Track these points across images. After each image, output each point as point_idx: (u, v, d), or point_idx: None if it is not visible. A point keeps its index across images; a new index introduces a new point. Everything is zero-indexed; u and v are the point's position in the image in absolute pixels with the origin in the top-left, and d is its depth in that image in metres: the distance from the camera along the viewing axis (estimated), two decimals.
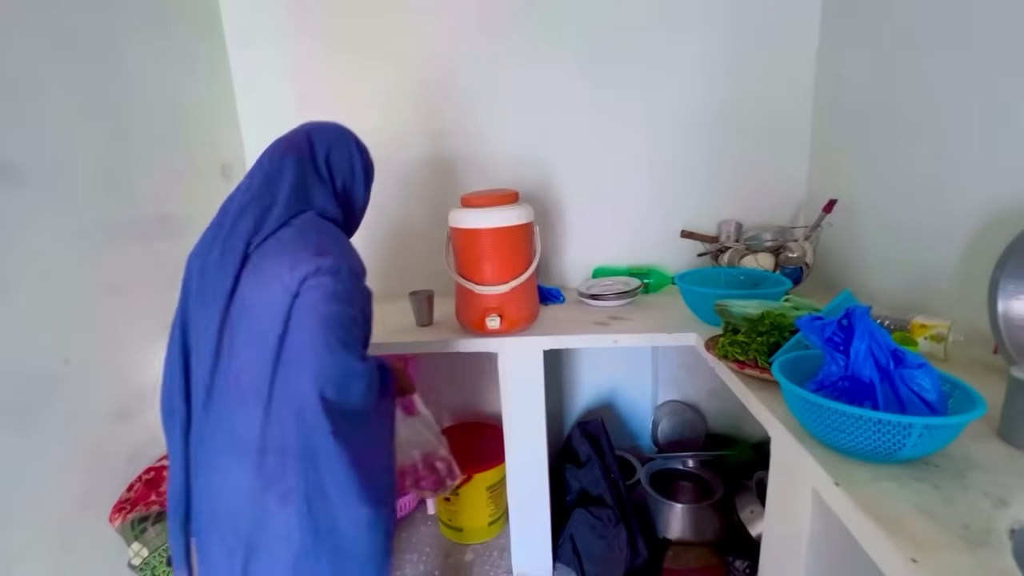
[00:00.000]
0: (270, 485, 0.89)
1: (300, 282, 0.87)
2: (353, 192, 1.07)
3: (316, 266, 0.88)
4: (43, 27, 1.17)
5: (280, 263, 0.89)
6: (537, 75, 1.78)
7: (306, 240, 0.92)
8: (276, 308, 0.87)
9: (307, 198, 0.98)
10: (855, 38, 1.54)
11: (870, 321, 0.77)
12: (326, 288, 0.88)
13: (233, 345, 0.90)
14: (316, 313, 0.87)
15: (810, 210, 1.78)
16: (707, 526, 1.61)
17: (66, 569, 1.15)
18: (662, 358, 1.97)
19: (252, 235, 0.92)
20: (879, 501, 0.67)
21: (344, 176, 1.04)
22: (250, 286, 0.91)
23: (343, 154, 1.04)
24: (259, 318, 0.89)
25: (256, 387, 0.88)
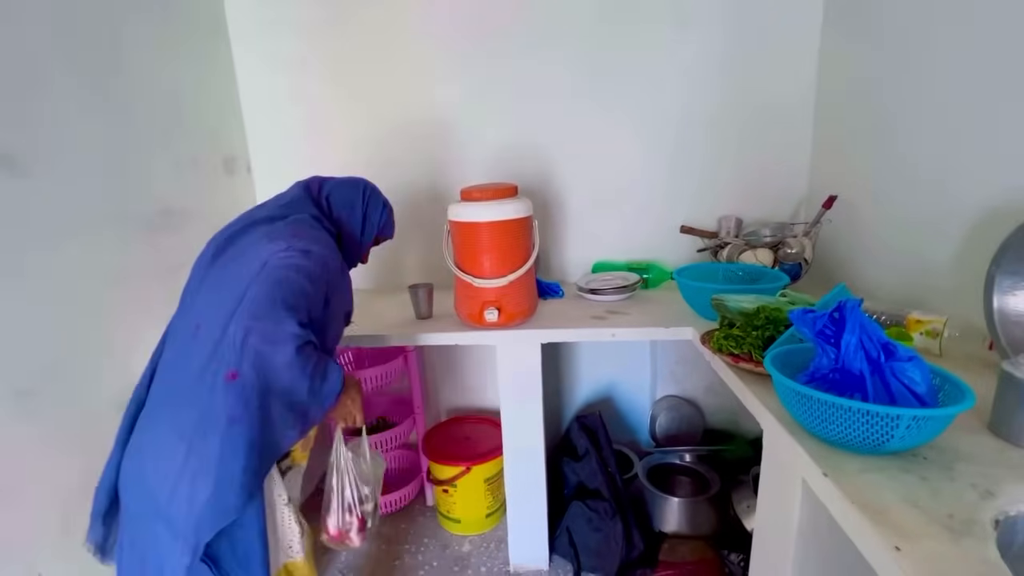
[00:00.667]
0: (184, 438, 0.90)
1: (271, 253, 0.97)
2: (349, 223, 1.22)
3: (288, 243, 0.99)
4: (46, 18, 1.18)
5: (261, 238, 1.02)
6: (538, 69, 1.78)
7: (291, 227, 1.07)
8: (246, 271, 0.96)
9: (301, 208, 1.14)
10: (857, 34, 1.53)
11: (861, 314, 0.77)
12: (292, 259, 0.96)
13: (201, 303, 1.00)
14: (275, 275, 0.94)
15: (810, 206, 1.78)
16: (703, 520, 1.62)
17: (68, 548, 1.17)
18: (661, 353, 1.97)
19: (238, 221, 1.08)
20: (866, 491, 0.68)
21: (340, 209, 1.21)
22: (231, 255, 1.03)
23: (345, 195, 1.23)
24: (229, 280, 0.97)
25: (211, 337, 0.93)
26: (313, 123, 1.89)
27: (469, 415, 2.06)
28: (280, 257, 0.96)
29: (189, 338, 0.96)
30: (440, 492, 1.81)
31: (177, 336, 1.01)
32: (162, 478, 0.89)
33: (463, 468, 1.72)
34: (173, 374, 0.97)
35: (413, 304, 1.59)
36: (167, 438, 0.91)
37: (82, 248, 1.25)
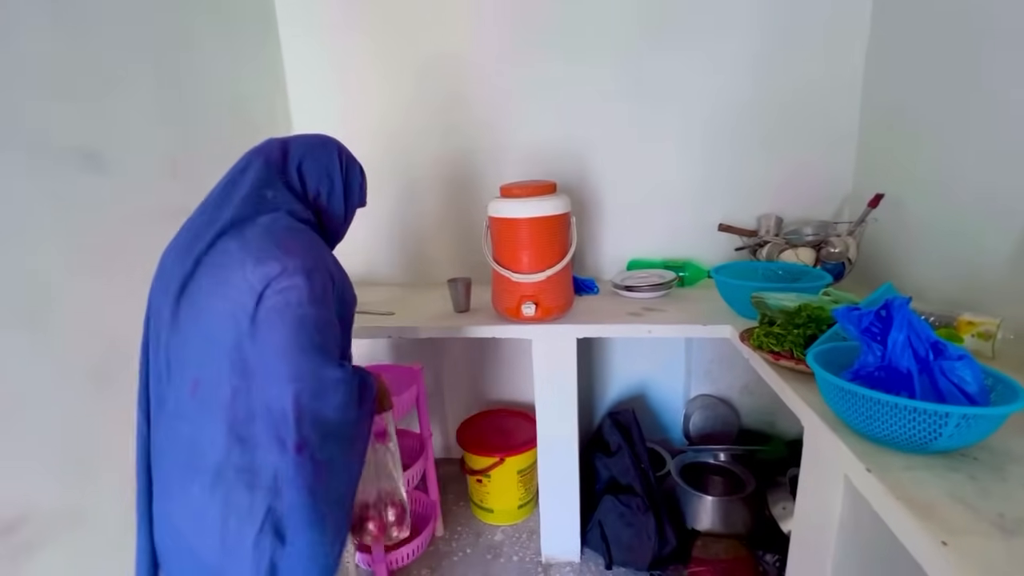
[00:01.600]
0: (231, 507, 0.81)
1: (266, 282, 0.80)
2: (330, 201, 1.00)
3: (283, 266, 0.81)
4: (125, 29, 1.28)
5: (244, 260, 0.82)
6: (576, 67, 1.80)
7: (273, 237, 0.85)
8: (238, 306, 0.80)
9: (271, 200, 0.90)
10: (909, 24, 1.49)
11: (909, 312, 0.77)
12: (299, 290, 0.81)
13: (186, 348, 0.84)
14: (288, 315, 0.80)
15: (855, 204, 1.74)
16: (737, 519, 1.61)
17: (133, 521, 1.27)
18: (696, 352, 1.96)
19: (202, 230, 0.86)
20: (911, 488, 0.68)
21: (318, 183, 0.98)
22: (207, 285, 0.83)
23: (319, 162, 0.98)
24: (216, 318, 0.81)
25: (218, 398, 0.81)
26: (356, 121, 1.95)
27: (503, 407, 2.09)
28: (281, 290, 0.80)
29: (187, 396, 0.83)
30: (474, 482, 1.86)
31: (168, 385, 0.86)
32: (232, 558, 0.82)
33: (497, 459, 1.76)
34: (188, 446, 0.84)
35: (452, 297, 1.64)
36: (212, 520, 0.82)
37: (150, 238, 1.34)
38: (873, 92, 1.66)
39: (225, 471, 0.81)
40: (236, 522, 0.81)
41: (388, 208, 2.02)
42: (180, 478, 0.85)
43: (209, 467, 0.82)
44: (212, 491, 0.82)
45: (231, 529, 0.81)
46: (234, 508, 0.81)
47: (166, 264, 0.90)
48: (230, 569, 0.82)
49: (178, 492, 0.85)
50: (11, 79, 1.03)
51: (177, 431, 0.85)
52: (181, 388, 0.84)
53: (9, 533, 1.00)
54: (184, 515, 0.85)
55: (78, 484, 1.14)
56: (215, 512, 0.81)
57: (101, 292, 1.20)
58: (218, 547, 0.82)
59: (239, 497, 0.81)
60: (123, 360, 1.24)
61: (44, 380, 1.08)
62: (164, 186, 1.39)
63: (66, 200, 1.13)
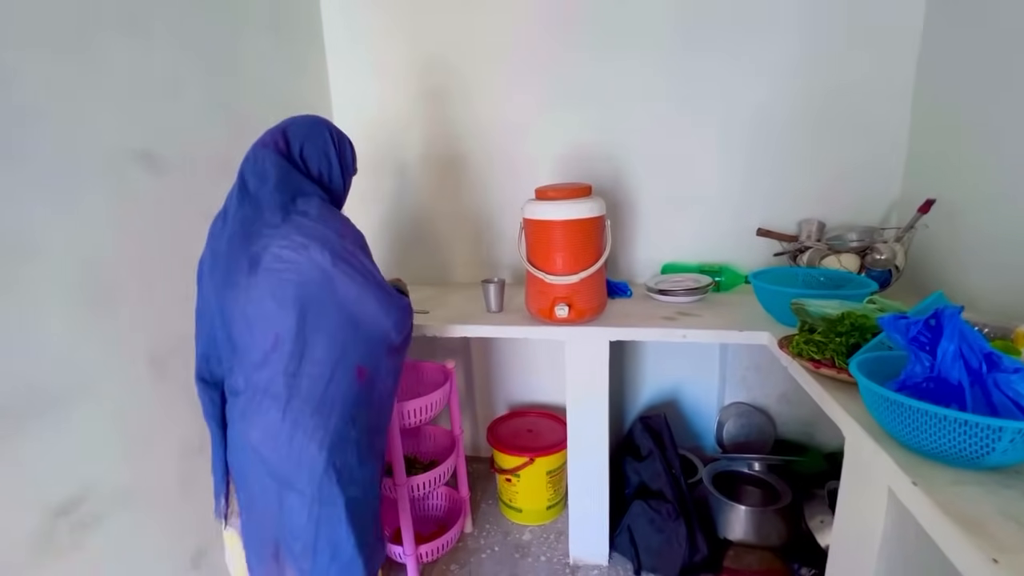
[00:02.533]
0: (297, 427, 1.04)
1: (329, 256, 1.02)
2: (330, 177, 1.16)
3: (340, 241, 1.05)
4: (181, 38, 1.35)
5: (306, 243, 1.02)
6: (613, 68, 1.80)
7: (315, 225, 1.04)
8: (307, 276, 1.02)
9: (293, 187, 1.07)
10: (964, 30, 1.43)
11: (961, 321, 0.74)
12: (353, 262, 1.05)
13: (257, 316, 1.04)
14: (358, 276, 1.05)
15: (903, 210, 1.67)
16: (771, 531, 1.58)
17: (185, 503, 1.34)
18: (731, 358, 1.93)
19: (253, 223, 1.03)
20: (960, 503, 0.65)
21: (319, 164, 1.13)
22: (273, 263, 1.02)
23: (317, 144, 1.13)
24: (288, 287, 1.02)
25: (292, 349, 1.04)
26: (393, 124, 2.01)
27: (534, 408, 2.11)
28: (346, 259, 1.06)
29: (270, 348, 1.03)
30: (503, 481, 1.87)
31: (251, 341, 1.05)
32: (295, 462, 1.05)
33: (527, 459, 1.77)
34: (267, 377, 1.05)
35: (485, 298, 1.66)
36: (292, 433, 1.04)
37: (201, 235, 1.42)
38: (925, 94, 1.60)
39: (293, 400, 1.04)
40: (301, 438, 1.03)
41: (417, 210, 2.07)
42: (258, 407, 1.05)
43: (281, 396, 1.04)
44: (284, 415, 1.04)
45: (296, 444, 1.03)
46: (300, 427, 1.03)
47: (215, 252, 1.08)
48: (295, 477, 1.04)
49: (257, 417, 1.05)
50: (87, 85, 1.11)
51: (257, 371, 1.05)
52: (264, 340, 1.04)
53: (73, 509, 1.08)
54: (261, 435, 1.05)
55: (135, 463, 1.22)
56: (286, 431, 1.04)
57: (158, 284, 1.27)
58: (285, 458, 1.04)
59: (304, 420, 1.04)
60: (177, 346, 1.32)
61: (106, 365, 1.16)
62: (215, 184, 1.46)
63: (126, 197, 1.20)
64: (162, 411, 1.29)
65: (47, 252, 1.03)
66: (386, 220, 2.11)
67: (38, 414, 1.02)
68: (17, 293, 0.98)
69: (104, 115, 1.15)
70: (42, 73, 1.02)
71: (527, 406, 2.16)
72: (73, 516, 1.08)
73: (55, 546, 1.05)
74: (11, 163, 0.97)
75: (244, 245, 1.03)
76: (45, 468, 1.03)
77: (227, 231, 1.06)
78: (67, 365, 1.07)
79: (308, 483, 1.04)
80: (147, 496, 1.25)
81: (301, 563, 1.06)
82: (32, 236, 1.01)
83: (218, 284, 1.07)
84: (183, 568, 1.36)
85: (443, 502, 1.89)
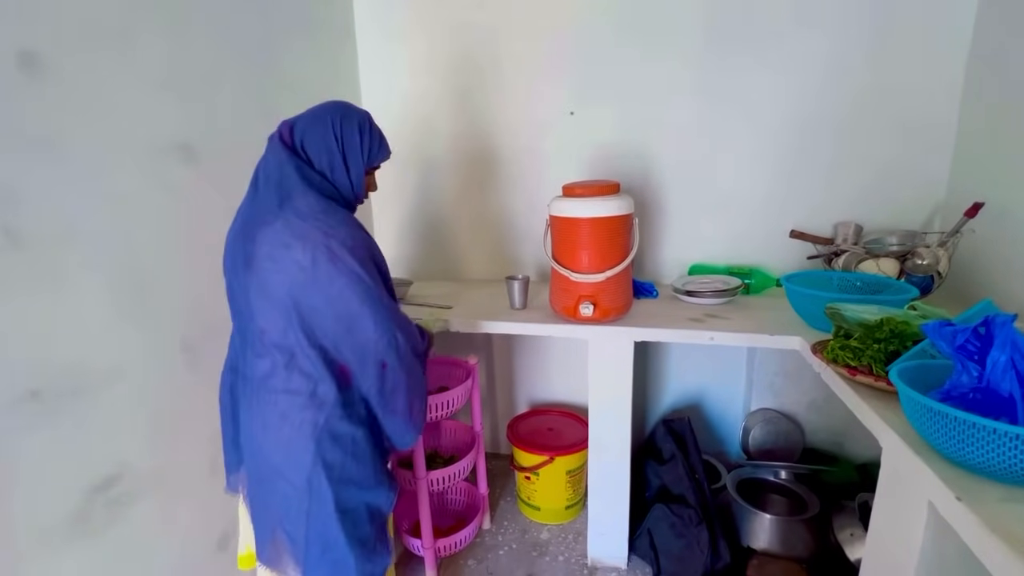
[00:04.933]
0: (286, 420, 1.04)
1: (311, 262, 0.96)
2: (332, 170, 1.07)
3: (325, 245, 0.97)
4: (220, 34, 1.38)
5: (288, 244, 0.98)
6: (643, 66, 1.77)
7: (311, 224, 0.99)
8: (292, 277, 0.98)
9: (292, 182, 1.03)
10: (1016, 23, 1.36)
11: (1014, 330, 0.70)
12: (351, 264, 0.98)
13: (256, 309, 1.04)
14: (352, 288, 0.99)
15: (948, 214, 1.60)
16: (798, 541, 1.53)
17: (213, 486, 1.37)
18: (759, 363, 1.88)
19: (253, 221, 1.03)
20: (1009, 521, 0.62)
21: (319, 157, 1.06)
22: (267, 262, 1.00)
23: (316, 136, 1.06)
24: (275, 286, 1.00)
25: (282, 344, 1.03)
26: (418, 121, 2.01)
27: (555, 407, 2.09)
28: (341, 262, 0.98)
29: (256, 340, 1.05)
30: (522, 478, 1.87)
31: (252, 333, 1.07)
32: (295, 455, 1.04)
33: (547, 457, 1.76)
34: (254, 376, 1.07)
35: (509, 295, 1.66)
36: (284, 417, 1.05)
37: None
38: (975, 95, 1.52)
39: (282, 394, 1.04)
40: (290, 431, 1.03)
41: (442, 206, 2.08)
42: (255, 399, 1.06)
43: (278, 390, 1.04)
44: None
45: (285, 436, 1.03)
46: (289, 420, 1.03)
47: (228, 244, 1.11)
48: (285, 468, 1.04)
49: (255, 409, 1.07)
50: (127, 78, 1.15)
51: (248, 368, 1.08)
52: (260, 335, 1.05)
53: (107, 488, 1.12)
54: (259, 424, 1.06)
55: (166, 446, 1.26)
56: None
57: (192, 273, 1.31)
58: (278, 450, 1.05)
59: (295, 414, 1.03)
60: (209, 333, 1.35)
61: (142, 350, 1.19)
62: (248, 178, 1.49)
63: (164, 188, 1.24)
64: (194, 396, 1.32)
65: (86, 239, 1.07)
66: (410, 216, 2.12)
67: (76, 395, 1.05)
68: (57, 279, 1.02)
69: (144, 108, 1.18)
70: (83, 66, 1.05)
71: (548, 404, 2.14)
72: (110, 493, 1.12)
73: (92, 523, 1.08)
74: (52, 154, 1.00)
75: (243, 243, 1.04)
76: (82, 447, 1.07)
77: (234, 227, 1.09)
78: (104, 349, 1.11)
79: (297, 475, 1.03)
80: (177, 478, 1.28)
81: (295, 551, 1.07)
82: (72, 224, 1.04)
83: (230, 277, 1.11)
84: (210, 550, 1.39)
85: (462, 497, 1.89)
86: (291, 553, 1.07)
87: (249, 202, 1.08)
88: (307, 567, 1.05)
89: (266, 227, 1.00)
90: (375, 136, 1.13)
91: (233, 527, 1.43)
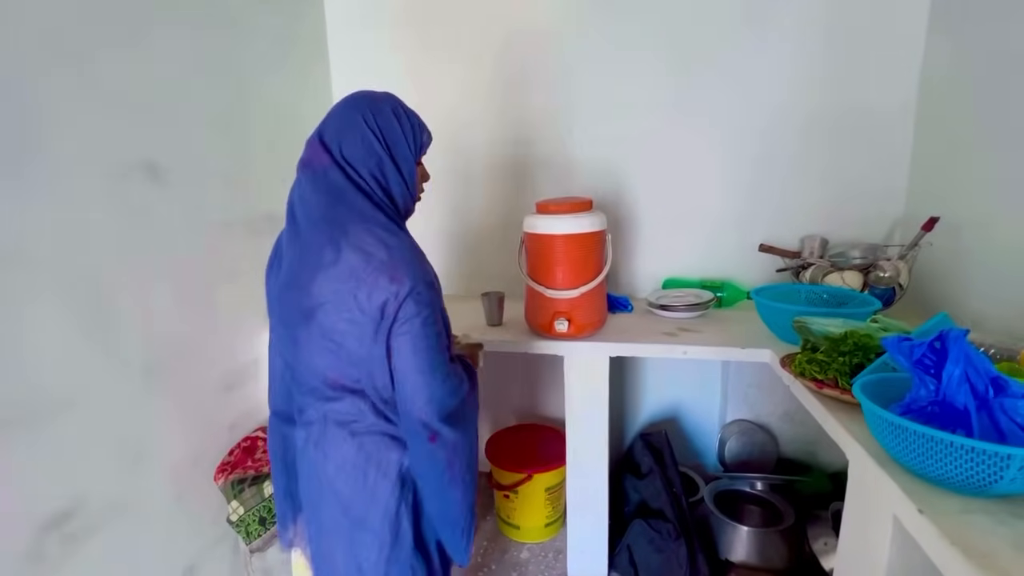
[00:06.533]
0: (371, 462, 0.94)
1: (380, 309, 0.85)
2: (385, 178, 0.92)
3: (394, 292, 0.84)
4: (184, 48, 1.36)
5: (355, 291, 0.85)
6: (616, 84, 1.80)
7: (377, 265, 0.85)
8: (358, 335, 0.87)
9: (343, 210, 0.88)
10: (969, 37, 1.43)
11: (967, 344, 0.73)
12: (414, 319, 0.86)
13: (323, 359, 0.92)
14: (409, 338, 0.87)
15: (907, 228, 1.66)
16: (774, 553, 1.54)
17: (179, 516, 1.32)
18: (733, 375, 1.90)
19: (303, 268, 0.89)
20: (968, 533, 0.63)
21: (367, 165, 0.90)
22: (332, 310, 0.87)
23: (355, 139, 0.90)
24: (346, 337, 0.88)
25: (355, 388, 0.93)
26: None
27: (533, 423, 2.08)
28: (399, 319, 0.86)
29: (322, 385, 0.94)
30: (501, 497, 1.85)
31: (321, 380, 0.94)
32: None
33: (525, 475, 1.74)
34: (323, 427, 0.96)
35: (485, 311, 1.65)
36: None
37: (204, 246, 1.42)
38: (929, 113, 1.59)
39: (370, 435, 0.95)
40: (375, 474, 0.94)
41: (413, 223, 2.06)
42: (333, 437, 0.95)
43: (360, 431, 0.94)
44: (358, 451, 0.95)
45: (370, 480, 0.94)
46: (374, 463, 0.94)
47: (274, 295, 0.98)
48: (369, 514, 0.95)
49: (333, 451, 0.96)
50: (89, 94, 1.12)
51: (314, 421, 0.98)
52: (324, 380, 0.94)
53: (62, 523, 1.06)
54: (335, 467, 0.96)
55: (127, 475, 1.21)
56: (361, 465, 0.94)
57: (156, 294, 1.27)
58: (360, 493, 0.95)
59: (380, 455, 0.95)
60: (173, 357, 1.31)
61: (101, 375, 1.15)
62: (217, 195, 1.47)
63: (127, 207, 1.20)
64: (157, 422, 1.27)
65: (44, 260, 1.03)
66: None
67: (29, 424, 1.01)
68: (12, 301, 0.98)
69: (107, 124, 1.15)
70: (43, 83, 1.03)
71: (527, 421, 2.13)
72: (65, 529, 1.07)
73: (46, 561, 1.03)
74: (11, 171, 0.97)
75: (295, 293, 0.90)
76: (35, 480, 1.02)
77: (280, 278, 0.94)
78: (60, 374, 1.06)
79: (381, 521, 0.95)
80: (139, 510, 1.23)
81: None
82: (29, 244, 1.01)
83: (280, 331, 0.99)
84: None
85: None
86: None
87: (289, 245, 0.93)
88: None
89: (323, 272, 0.86)
90: (413, 117, 0.98)
91: (200, 558, 1.39)
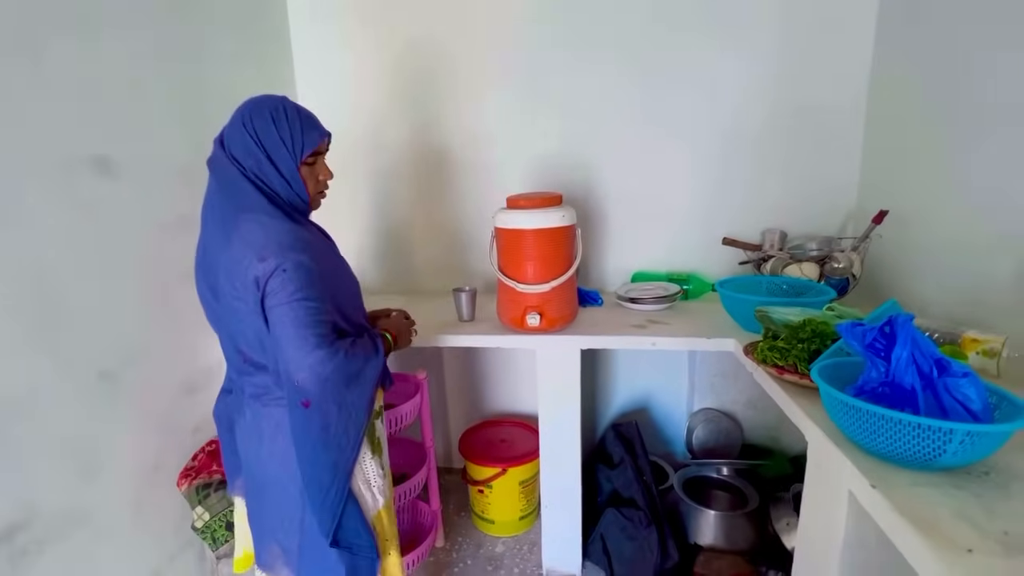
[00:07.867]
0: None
1: (255, 285, 0.92)
2: (263, 172, 0.98)
3: (262, 270, 0.91)
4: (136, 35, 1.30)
5: (239, 272, 0.93)
6: (582, 81, 1.82)
7: (251, 245, 0.93)
8: (247, 304, 0.94)
9: (235, 200, 0.98)
10: (913, 40, 1.51)
11: (913, 328, 0.77)
12: (280, 293, 0.91)
13: (236, 333, 1.02)
14: (278, 317, 0.92)
15: (859, 220, 1.74)
16: (740, 535, 1.60)
17: (139, 524, 1.27)
18: (699, 365, 1.96)
19: (209, 248, 1.01)
20: (916, 505, 0.68)
21: (246, 162, 0.98)
22: (228, 288, 0.96)
23: (237, 141, 0.98)
24: (235, 314, 0.98)
25: (263, 362, 1.02)
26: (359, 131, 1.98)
27: (506, 417, 2.09)
28: (272, 291, 0.92)
29: (239, 360, 1.04)
30: (475, 492, 1.85)
31: (230, 356, 1.08)
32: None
33: (499, 469, 1.75)
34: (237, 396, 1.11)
35: (456, 307, 1.65)
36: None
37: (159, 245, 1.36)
38: (877, 109, 1.68)
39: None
40: (283, 441, 1.02)
41: (386, 218, 2.05)
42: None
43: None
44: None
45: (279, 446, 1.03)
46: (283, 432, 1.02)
47: (197, 276, 1.07)
48: (282, 478, 1.04)
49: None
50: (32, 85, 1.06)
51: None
52: (239, 356, 1.05)
53: (11, 537, 1.01)
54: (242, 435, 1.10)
55: (84, 484, 1.15)
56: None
57: (111, 294, 1.21)
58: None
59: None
60: (131, 359, 1.26)
61: (52, 380, 1.09)
62: (173, 192, 1.41)
63: (76, 203, 1.15)
64: (114, 427, 1.22)
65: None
66: (353, 227, 2.07)
67: None
68: None
69: (53, 118, 1.09)
70: None
71: (500, 415, 2.14)
72: (15, 543, 1.01)
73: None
74: None
75: (204, 274, 1.03)
76: None
77: (197, 257, 1.06)
78: (6, 381, 1.00)
79: (292, 485, 1.03)
80: (98, 520, 1.18)
81: (288, 560, 1.09)
82: None
83: (205, 308, 1.08)
84: None
85: (414, 516, 1.85)
86: (285, 562, 1.09)
87: (203, 229, 1.05)
88: (300, 574, 1.07)
89: (223, 254, 0.96)
90: (294, 121, 1.00)
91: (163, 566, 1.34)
